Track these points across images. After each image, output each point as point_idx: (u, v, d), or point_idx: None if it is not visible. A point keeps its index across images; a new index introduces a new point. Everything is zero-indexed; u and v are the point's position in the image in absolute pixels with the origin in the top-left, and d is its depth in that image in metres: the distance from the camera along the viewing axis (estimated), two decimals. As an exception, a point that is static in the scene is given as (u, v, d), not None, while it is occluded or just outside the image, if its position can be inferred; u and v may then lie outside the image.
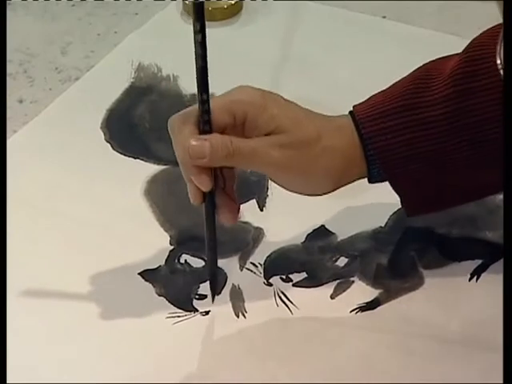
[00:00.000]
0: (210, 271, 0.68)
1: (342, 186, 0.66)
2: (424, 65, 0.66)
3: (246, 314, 0.68)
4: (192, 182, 0.61)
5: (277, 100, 0.63)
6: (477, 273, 0.70)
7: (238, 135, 0.62)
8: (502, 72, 0.53)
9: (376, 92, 0.66)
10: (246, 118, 0.62)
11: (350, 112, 0.65)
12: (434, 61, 0.66)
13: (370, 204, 0.76)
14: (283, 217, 0.75)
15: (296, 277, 0.70)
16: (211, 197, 0.63)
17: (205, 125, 0.61)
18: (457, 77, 0.62)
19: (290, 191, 0.65)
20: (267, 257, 0.72)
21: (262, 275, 0.71)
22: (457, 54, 0.64)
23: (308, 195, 0.66)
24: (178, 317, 0.68)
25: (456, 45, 0.96)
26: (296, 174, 0.63)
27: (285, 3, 1.02)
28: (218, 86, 0.90)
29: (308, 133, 0.63)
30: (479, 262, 0.71)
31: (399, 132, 0.63)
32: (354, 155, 0.64)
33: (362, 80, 0.90)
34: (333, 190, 0.65)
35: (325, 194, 0.66)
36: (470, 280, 0.70)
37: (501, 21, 0.51)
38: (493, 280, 0.69)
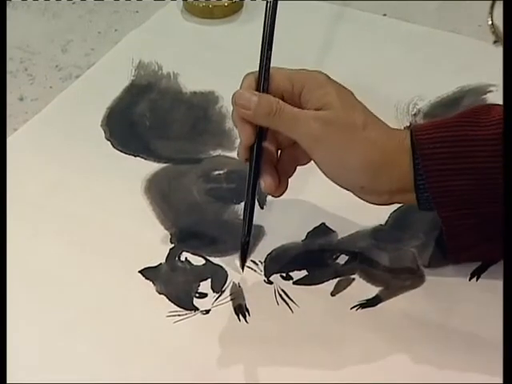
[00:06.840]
0: (245, 238, 0.68)
1: (384, 193, 0.66)
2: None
3: (246, 312, 0.68)
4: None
5: (339, 86, 0.66)
6: (477, 273, 0.70)
7: (294, 106, 0.65)
8: None
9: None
10: (303, 89, 0.65)
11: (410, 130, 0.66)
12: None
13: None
14: (283, 215, 0.75)
15: (296, 275, 0.70)
16: (257, 158, 0.67)
17: (263, 81, 0.66)
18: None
19: (327, 176, 0.66)
20: (268, 255, 0.72)
21: (263, 273, 0.71)
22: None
23: (345, 188, 0.66)
24: (179, 315, 0.68)
25: (456, 42, 0.97)
26: (331, 154, 0.64)
27: (285, 2, 1.02)
28: (218, 84, 0.91)
29: (354, 118, 0.64)
30: (479, 262, 0.71)
31: (448, 144, 0.63)
32: (399, 158, 0.64)
33: (363, 78, 0.90)
34: (371, 192, 0.65)
35: (362, 191, 0.66)
36: (470, 279, 0.70)
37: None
38: (493, 280, 0.69)
